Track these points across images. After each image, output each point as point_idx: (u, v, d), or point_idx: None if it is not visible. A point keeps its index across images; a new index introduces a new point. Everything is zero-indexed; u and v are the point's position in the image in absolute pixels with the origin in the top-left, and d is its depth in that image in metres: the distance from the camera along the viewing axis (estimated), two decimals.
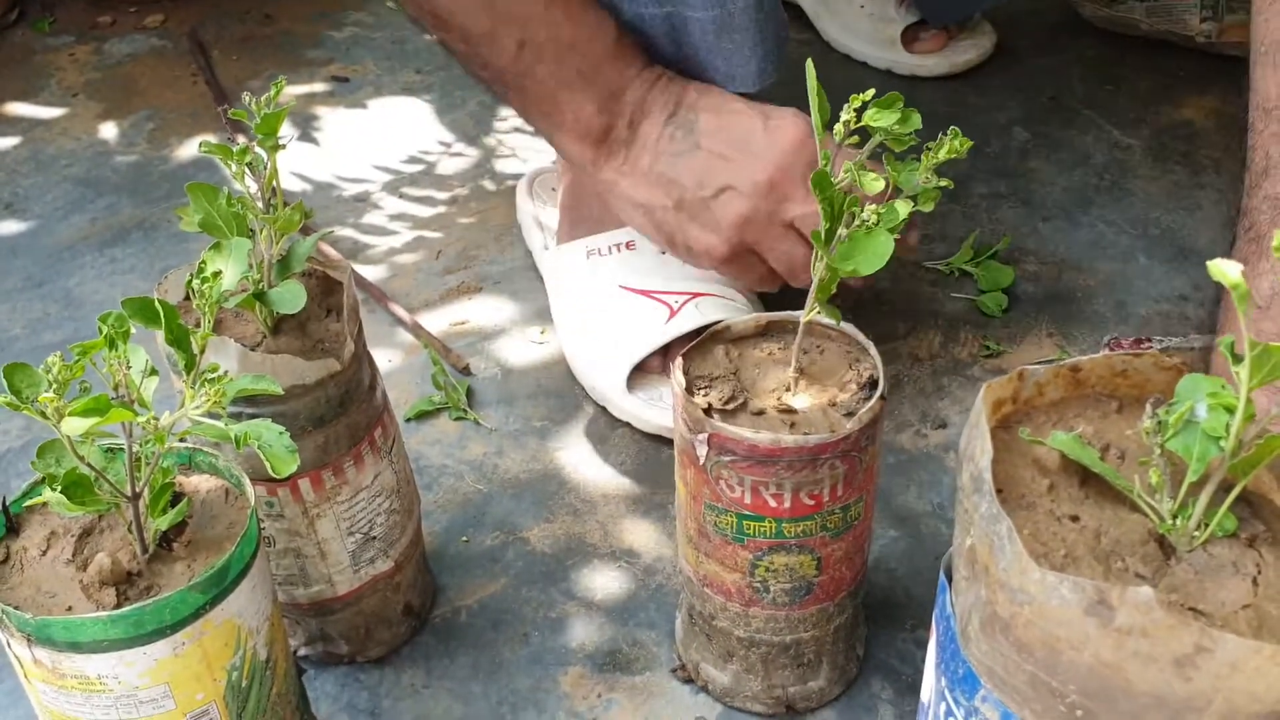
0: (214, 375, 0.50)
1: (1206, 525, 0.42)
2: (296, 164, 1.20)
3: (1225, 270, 0.37)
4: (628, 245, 0.93)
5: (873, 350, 0.64)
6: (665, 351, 0.89)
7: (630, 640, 0.75)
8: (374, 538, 0.69)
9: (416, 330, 0.98)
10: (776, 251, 0.82)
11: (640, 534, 0.82)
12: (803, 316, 0.62)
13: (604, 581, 0.79)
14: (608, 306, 0.92)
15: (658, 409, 0.88)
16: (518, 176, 1.13)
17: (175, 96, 1.32)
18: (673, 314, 0.90)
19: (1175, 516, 0.42)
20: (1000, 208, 1.12)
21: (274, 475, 0.49)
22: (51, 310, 1.03)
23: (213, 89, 1.30)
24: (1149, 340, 0.90)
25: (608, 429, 0.90)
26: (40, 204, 1.16)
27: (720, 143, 0.81)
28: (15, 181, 1.19)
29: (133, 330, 0.52)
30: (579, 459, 0.88)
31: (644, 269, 0.92)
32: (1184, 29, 1.28)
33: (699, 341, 0.65)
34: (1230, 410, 0.40)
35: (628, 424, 0.90)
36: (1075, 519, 0.43)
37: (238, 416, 0.62)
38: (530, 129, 1.04)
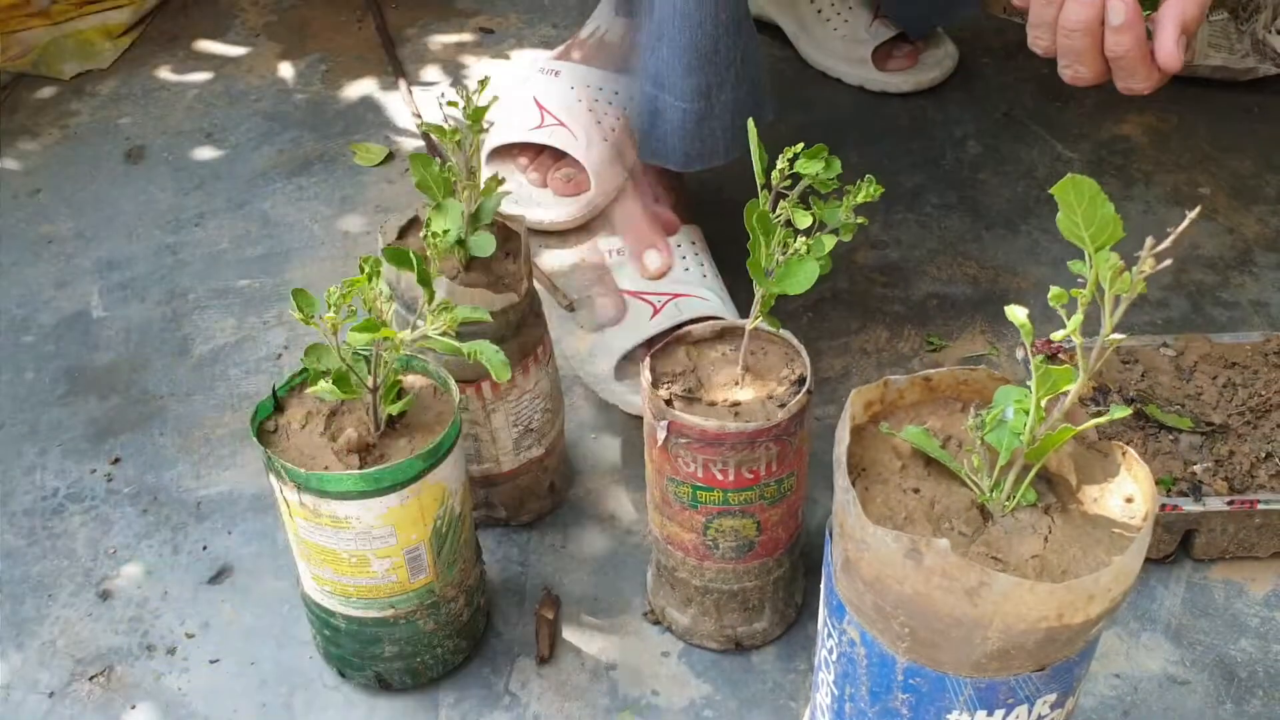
0: (446, 306, 0.69)
1: (1014, 497, 0.57)
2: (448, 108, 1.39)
3: (1015, 313, 0.54)
4: (619, 252, 1.10)
5: (804, 353, 0.77)
6: (649, 344, 1.01)
7: (610, 588, 0.90)
8: (532, 429, 0.89)
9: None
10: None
11: (617, 501, 0.97)
12: (748, 324, 0.75)
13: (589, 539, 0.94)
14: None
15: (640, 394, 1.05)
16: None
17: (344, 40, 1.51)
18: (656, 312, 1.03)
19: (992, 490, 0.57)
20: (950, 216, 1.24)
21: (496, 379, 0.68)
22: (251, 229, 1.24)
23: (381, 35, 1.49)
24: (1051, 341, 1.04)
25: (599, 412, 1.04)
26: (235, 134, 1.37)
27: None
28: (212, 114, 1.40)
29: None
30: (575, 438, 1.02)
31: (634, 273, 1.08)
32: None
33: (664, 344, 0.79)
34: (1028, 412, 0.55)
35: (616, 407, 1.03)
36: (917, 491, 0.58)
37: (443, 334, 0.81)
38: None
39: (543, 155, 1.22)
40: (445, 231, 0.72)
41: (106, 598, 0.91)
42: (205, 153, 1.34)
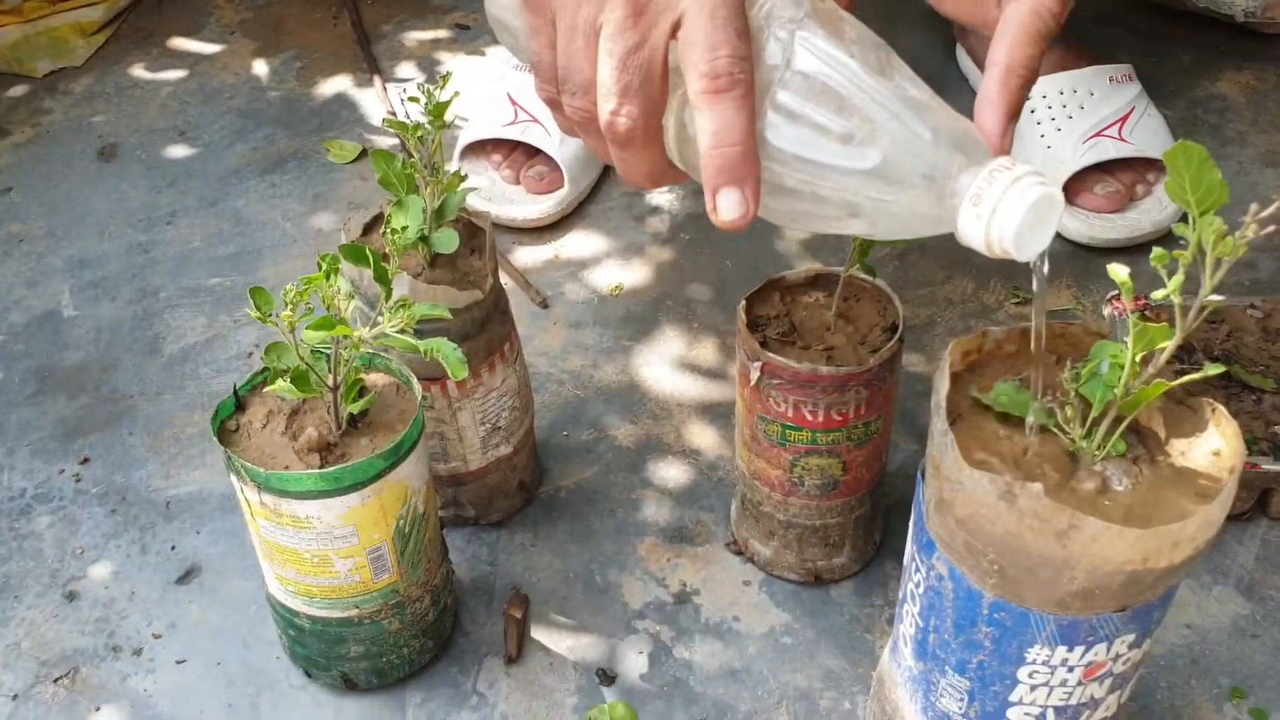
0: (405, 303, 0.68)
1: (1104, 447, 0.58)
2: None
3: (1117, 271, 0.54)
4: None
5: (897, 301, 0.81)
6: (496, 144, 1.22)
7: (694, 520, 0.94)
8: (499, 427, 0.88)
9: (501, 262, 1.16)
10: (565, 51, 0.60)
11: (706, 436, 1.00)
12: (844, 271, 0.79)
13: (675, 473, 0.98)
14: None
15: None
16: None
17: (319, 37, 1.50)
18: (512, 123, 1.19)
19: (1084, 440, 0.59)
20: None
21: (452, 377, 0.67)
22: (224, 227, 1.23)
23: (356, 31, 1.48)
24: (1146, 299, 1.05)
25: (685, 350, 1.08)
26: (208, 132, 1.36)
27: None
28: (186, 111, 1.39)
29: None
30: (660, 374, 1.06)
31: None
32: (1227, 7, 1.39)
33: (759, 288, 0.82)
34: (1123, 367, 0.56)
35: (702, 346, 1.08)
36: (1011, 439, 0.60)
37: (401, 332, 0.81)
38: None
39: (516, 152, 1.22)
40: (404, 228, 0.71)
41: (73, 598, 0.90)
42: (178, 151, 1.33)
